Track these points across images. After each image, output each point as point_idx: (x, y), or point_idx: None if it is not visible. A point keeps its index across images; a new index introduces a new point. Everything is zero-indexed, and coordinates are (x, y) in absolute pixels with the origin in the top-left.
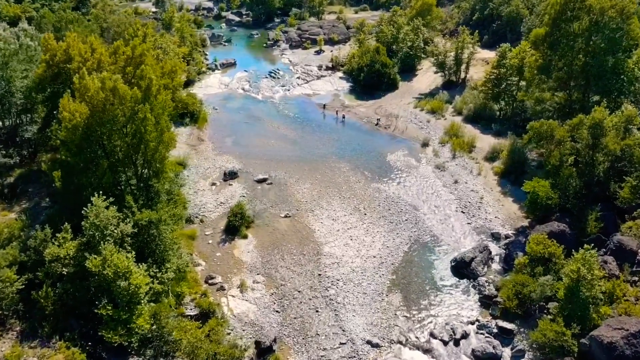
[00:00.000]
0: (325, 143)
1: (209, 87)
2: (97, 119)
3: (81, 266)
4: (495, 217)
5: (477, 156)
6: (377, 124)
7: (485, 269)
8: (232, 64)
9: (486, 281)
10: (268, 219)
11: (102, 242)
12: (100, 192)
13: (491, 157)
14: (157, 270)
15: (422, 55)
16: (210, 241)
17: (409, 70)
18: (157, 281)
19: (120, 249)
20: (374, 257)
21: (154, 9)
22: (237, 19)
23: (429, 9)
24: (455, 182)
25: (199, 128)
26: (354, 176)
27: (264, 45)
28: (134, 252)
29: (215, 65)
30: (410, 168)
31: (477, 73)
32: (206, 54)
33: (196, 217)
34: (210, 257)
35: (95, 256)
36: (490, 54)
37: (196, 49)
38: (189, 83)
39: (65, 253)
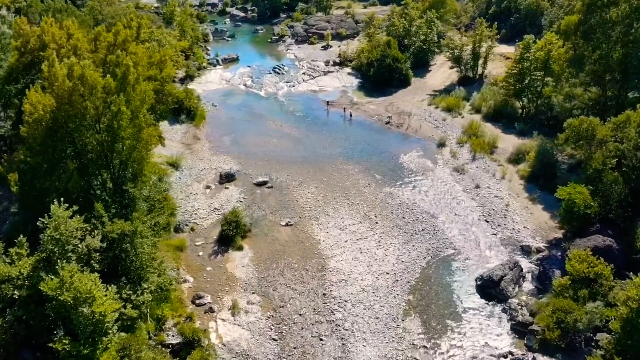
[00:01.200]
0: (332, 143)
1: (209, 83)
2: (63, 112)
3: (37, 288)
4: (524, 227)
5: (499, 158)
6: (388, 123)
7: (517, 289)
8: (235, 59)
9: (518, 304)
10: (267, 227)
11: (62, 259)
12: (63, 199)
13: (516, 159)
14: (131, 292)
15: (436, 50)
16: (200, 253)
17: (422, 66)
18: (131, 305)
19: (86, 267)
20: (387, 273)
21: (156, 4)
22: (242, 14)
23: (443, 1)
24: (477, 186)
25: (195, 126)
26: (364, 179)
27: (269, 40)
28: (97, 273)
29: (217, 60)
30: (426, 171)
31: (495, 69)
32: (208, 49)
33: (186, 224)
34: (200, 271)
35: (52, 277)
36: (508, 49)
37: (197, 44)
38: (187, 78)
39: (18, 272)
